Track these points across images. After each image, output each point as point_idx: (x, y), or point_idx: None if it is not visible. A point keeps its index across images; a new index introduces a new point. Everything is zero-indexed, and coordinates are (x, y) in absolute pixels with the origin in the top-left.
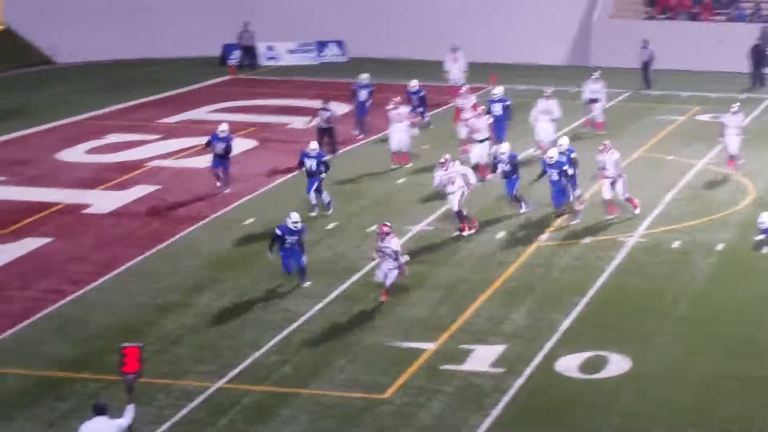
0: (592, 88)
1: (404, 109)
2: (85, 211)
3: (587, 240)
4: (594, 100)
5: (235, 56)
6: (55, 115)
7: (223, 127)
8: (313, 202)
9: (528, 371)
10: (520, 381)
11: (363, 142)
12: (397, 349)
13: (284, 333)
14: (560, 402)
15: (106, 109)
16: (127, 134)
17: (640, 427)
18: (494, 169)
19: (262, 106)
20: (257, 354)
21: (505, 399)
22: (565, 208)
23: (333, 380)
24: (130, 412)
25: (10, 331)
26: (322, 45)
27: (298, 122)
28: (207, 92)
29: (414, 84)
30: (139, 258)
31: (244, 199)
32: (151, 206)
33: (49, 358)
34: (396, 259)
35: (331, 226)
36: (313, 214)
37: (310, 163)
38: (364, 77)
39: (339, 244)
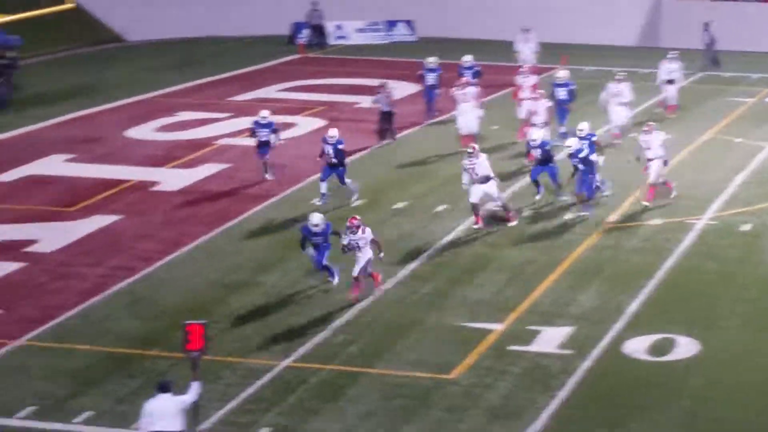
0: (669, 67)
1: (471, 90)
2: (154, 189)
3: (656, 222)
4: (670, 81)
5: (304, 35)
6: (125, 93)
7: (264, 113)
8: (323, 191)
9: (595, 353)
10: (587, 363)
11: (431, 122)
12: (465, 329)
13: (353, 312)
14: (628, 384)
15: (176, 87)
16: (196, 112)
17: (710, 411)
18: (528, 155)
19: (331, 85)
20: (324, 333)
21: (573, 381)
22: (582, 198)
23: (400, 360)
24: (195, 389)
25: (80, 308)
26: (391, 24)
27: (366, 101)
28: (276, 71)
29: (467, 59)
30: (207, 236)
31: (313, 177)
32: (220, 184)
33: (118, 335)
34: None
35: (399, 205)
36: (319, 202)
37: (327, 150)
38: (432, 61)
39: (406, 223)
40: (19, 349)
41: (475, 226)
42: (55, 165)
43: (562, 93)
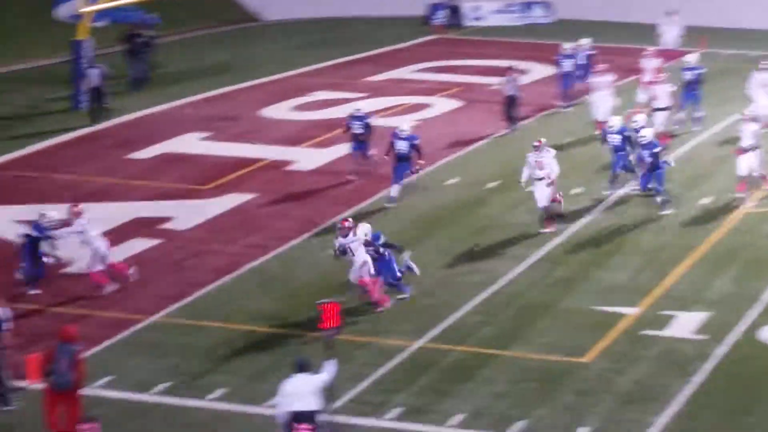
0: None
1: (608, 77)
2: (288, 168)
3: None
4: None
5: (440, 16)
6: (261, 72)
7: (359, 106)
8: (394, 194)
9: (731, 339)
10: (723, 349)
11: (564, 105)
12: (598, 313)
13: (485, 294)
14: (765, 371)
15: (312, 67)
16: (331, 92)
17: None
18: (604, 140)
19: (467, 66)
20: (457, 314)
21: (708, 366)
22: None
23: (533, 343)
24: (331, 368)
25: (213, 285)
26: (527, 6)
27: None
28: (412, 51)
29: (585, 42)
30: (341, 215)
31: (448, 159)
32: (354, 165)
33: (251, 313)
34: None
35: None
36: (391, 205)
37: (400, 146)
38: (568, 47)
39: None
40: (155, 326)
41: (542, 230)
42: (192, 143)
43: (689, 76)
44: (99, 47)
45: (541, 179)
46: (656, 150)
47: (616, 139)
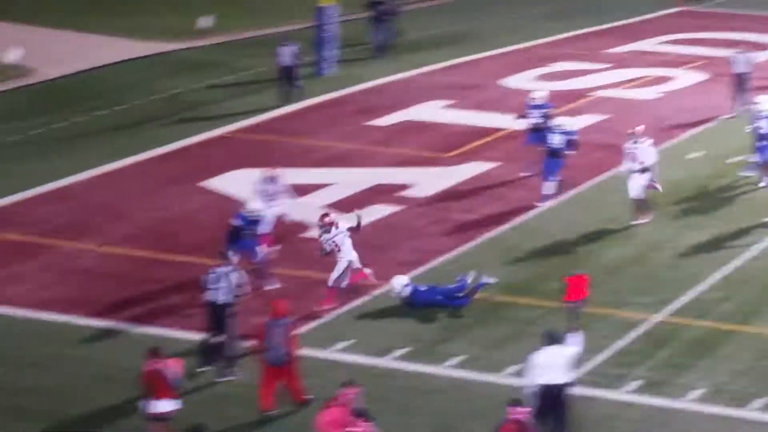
0: None
1: None
2: None
3: None
4: None
5: None
6: (503, 42)
7: (537, 94)
8: (550, 191)
9: None
10: None
11: None
12: None
13: (727, 268)
14: None
15: (554, 37)
16: (574, 62)
17: None
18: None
19: (712, 39)
20: (699, 288)
21: None
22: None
23: None
24: (578, 341)
25: (452, 253)
26: None
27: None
28: (655, 23)
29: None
30: (580, 188)
31: (692, 132)
32: (595, 136)
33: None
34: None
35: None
36: (542, 204)
37: (555, 140)
38: None
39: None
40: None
41: (634, 222)
42: (433, 111)
43: None
44: (343, 14)
45: (636, 170)
46: None
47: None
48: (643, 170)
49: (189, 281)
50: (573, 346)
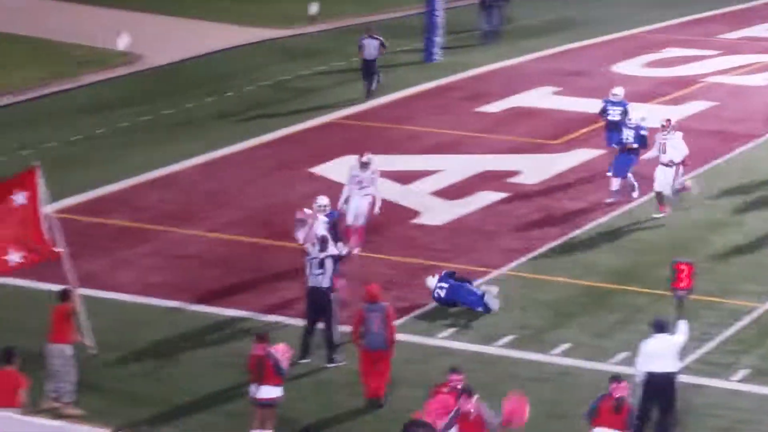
0: None
1: None
2: None
3: None
4: None
5: None
6: (611, 28)
7: (617, 91)
8: (615, 187)
9: None
10: None
11: None
12: None
13: None
14: None
15: (664, 23)
16: (684, 49)
17: None
18: None
19: None
20: None
21: None
22: None
23: None
24: (683, 329)
25: (560, 240)
26: None
27: None
28: (766, 9)
29: None
30: (689, 174)
31: None
32: (705, 122)
33: (597, 269)
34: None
35: None
36: (612, 200)
37: (627, 135)
38: None
39: None
40: (501, 278)
41: (656, 215)
42: (542, 97)
43: None
44: (452, 0)
45: (664, 163)
46: None
47: None
48: (670, 164)
49: (295, 268)
50: (681, 333)
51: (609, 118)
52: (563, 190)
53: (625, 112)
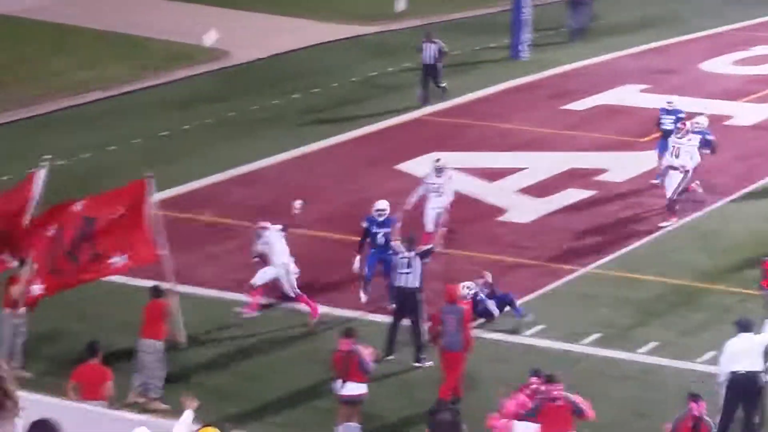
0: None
1: None
2: (727, 123)
3: None
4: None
5: None
6: (699, 25)
7: (672, 99)
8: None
9: None
10: None
11: None
12: None
13: None
14: None
15: (755, 21)
16: None
17: None
18: None
19: None
20: None
21: None
22: None
23: None
24: None
25: (647, 239)
26: None
27: None
28: None
29: None
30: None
31: None
32: None
33: (684, 268)
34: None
35: None
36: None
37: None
38: None
39: None
40: (586, 277)
41: (663, 224)
42: (629, 95)
43: None
44: None
45: (675, 168)
46: None
47: None
48: (681, 170)
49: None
50: (766, 333)
51: (663, 127)
52: (650, 188)
53: (677, 121)
